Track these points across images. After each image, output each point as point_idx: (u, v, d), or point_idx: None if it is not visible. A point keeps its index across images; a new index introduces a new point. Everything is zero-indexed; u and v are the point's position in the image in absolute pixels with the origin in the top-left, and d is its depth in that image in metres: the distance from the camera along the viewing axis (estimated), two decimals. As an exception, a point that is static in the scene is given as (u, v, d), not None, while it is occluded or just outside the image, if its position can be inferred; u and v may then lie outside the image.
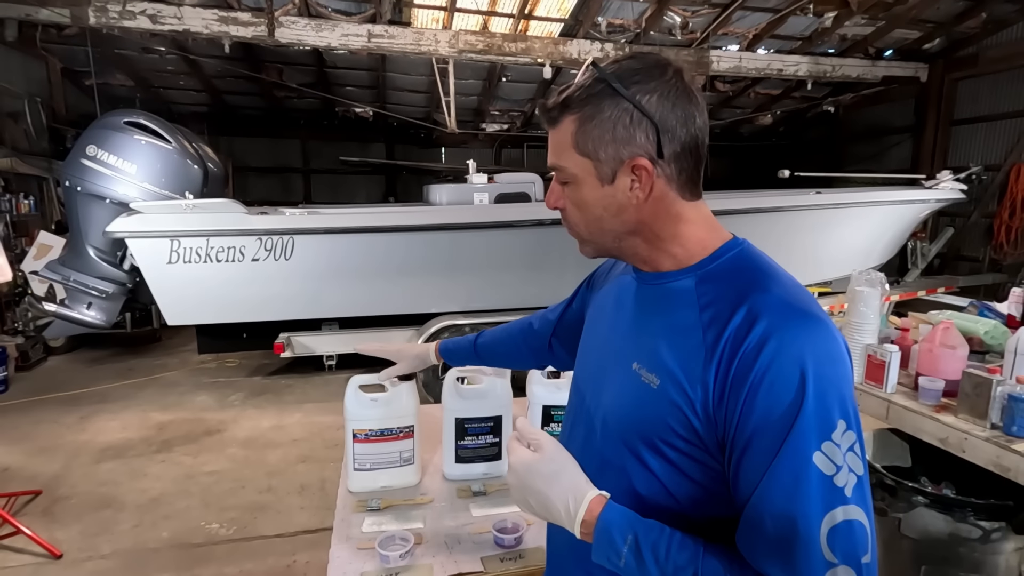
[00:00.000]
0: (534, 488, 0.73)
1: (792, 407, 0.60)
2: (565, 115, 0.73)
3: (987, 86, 7.08)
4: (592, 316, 0.95)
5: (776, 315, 0.64)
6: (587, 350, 0.91)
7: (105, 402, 4.50)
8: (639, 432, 0.72)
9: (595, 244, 0.80)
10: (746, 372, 0.62)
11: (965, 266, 7.39)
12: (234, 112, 9.04)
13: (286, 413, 4.28)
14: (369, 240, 4.06)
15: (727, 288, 0.69)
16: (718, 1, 5.99)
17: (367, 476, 1.43)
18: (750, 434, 0.62)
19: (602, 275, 1.01)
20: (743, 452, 0.62)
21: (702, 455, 0.67)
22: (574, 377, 0.93)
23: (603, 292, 0.94)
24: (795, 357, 0.61)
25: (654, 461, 0.71)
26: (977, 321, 2.22)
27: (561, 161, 0.75)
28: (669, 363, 0.69)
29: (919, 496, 1.75)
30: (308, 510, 2.97)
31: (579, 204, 0.76)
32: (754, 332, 0.63)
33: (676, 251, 0.75)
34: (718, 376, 0.64)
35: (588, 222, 0.77)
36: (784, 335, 0.62)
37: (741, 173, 10.62)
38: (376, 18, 5.77)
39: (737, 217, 4.80)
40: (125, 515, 2.93)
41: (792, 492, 0.59)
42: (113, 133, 3.87)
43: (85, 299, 4.08)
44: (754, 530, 0.62)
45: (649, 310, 0.78)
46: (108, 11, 5.19)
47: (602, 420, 0.79)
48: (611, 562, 0.68)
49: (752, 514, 0.62)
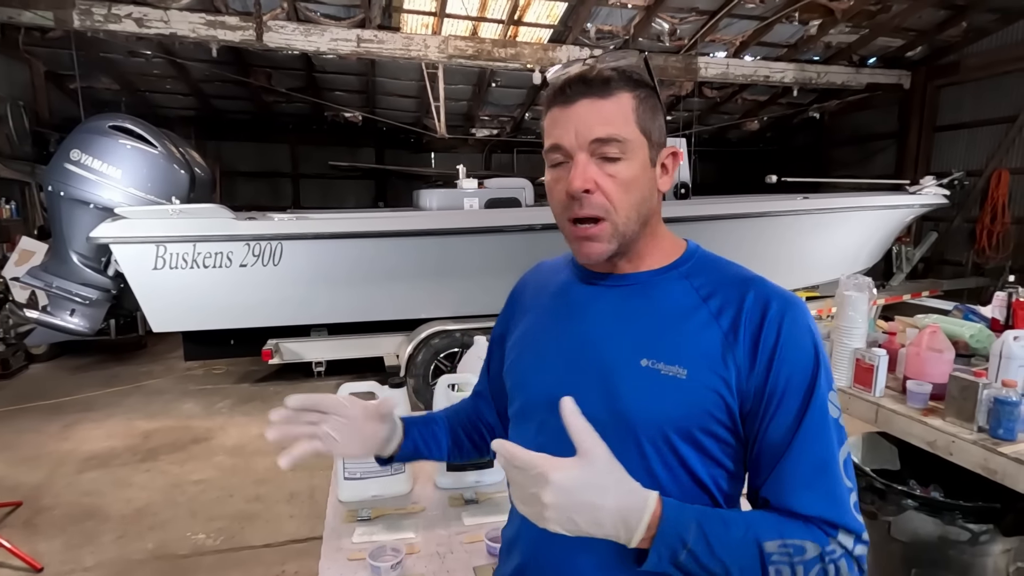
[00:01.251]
0: (586, 504, 0.62)
1: (811, 368, 0.71)
2: (623, 89, 0.73)
3: (968, 93, 7.22)
4: (533, 332, 0.87)
5: (780, 297, 0.74)
6: (542, 364, 0.82)
7: (89, 410, 4.42)
8: (674, 425, 0.72)
9: (623, 233, 0.74)
10: (771, 344, 0.71)
11: (949, 270, 7.51)
12: (222, 116, 8.97)
13: (274, 420, 4.22)
14: (358, 245, 4.04)
15: (720, 280, 0.76)
16: (705, 8, 6.06)
17: (357, 485, 1.42)
18: (780, 395, 0.70)
19: (518, 304, 0.94)
20: (774, 413, 0.70)
21: (729, 436, 0.73)
22: (529, 396, 0.83)
23: (537, 308, 0.88)
24: (805, 328, 0.72)
25: (688, 451, 0.72)
26: (962, 325, 2.25)
27: (623, 132, 0.72)
28: (692, 352, 0.72)
29: (908, 499, 1.76)
30: (297, 519, 2.93)
31: (628, 183, 0.73)
32: (770, 311, 0.72)
33: (664, 247, 0.80)
34: (745, 352, 0.71)
35: (632, 204, 0.74)
36: (794, 312, 0.73)
37: (729, 178, 10.72)
38: (365, 23, 5.76)
39: (726, 222, 4.84)
40: (109, 526, 2.88)
41: (820, 436, 0.70)
42: (98, 137, 3.82)
43: (68, 306, 4.01)
44: (793, 475, 0.69)
45: (640, 308, 0.77)
46: (93, 14, 5.14)
47: (618, 423, 0.73)
48: (672, 559, 0.64)
49: (789, 462, 0.69)
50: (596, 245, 0.75)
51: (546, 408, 0.77)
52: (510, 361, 0.89)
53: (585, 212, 0.73)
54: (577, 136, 0.72)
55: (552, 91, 0.75)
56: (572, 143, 0.72)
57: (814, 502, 0.67)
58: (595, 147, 0.72)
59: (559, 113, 0.74)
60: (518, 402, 0.86)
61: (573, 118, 0.72)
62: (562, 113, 0.73)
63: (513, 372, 0.88)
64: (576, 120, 0.72)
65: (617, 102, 0.72)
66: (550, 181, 0.77)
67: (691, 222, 4.69)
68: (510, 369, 0.89)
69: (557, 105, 0.74)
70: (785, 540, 0.65)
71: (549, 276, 0.92)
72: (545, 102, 0.77)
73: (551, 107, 0.75)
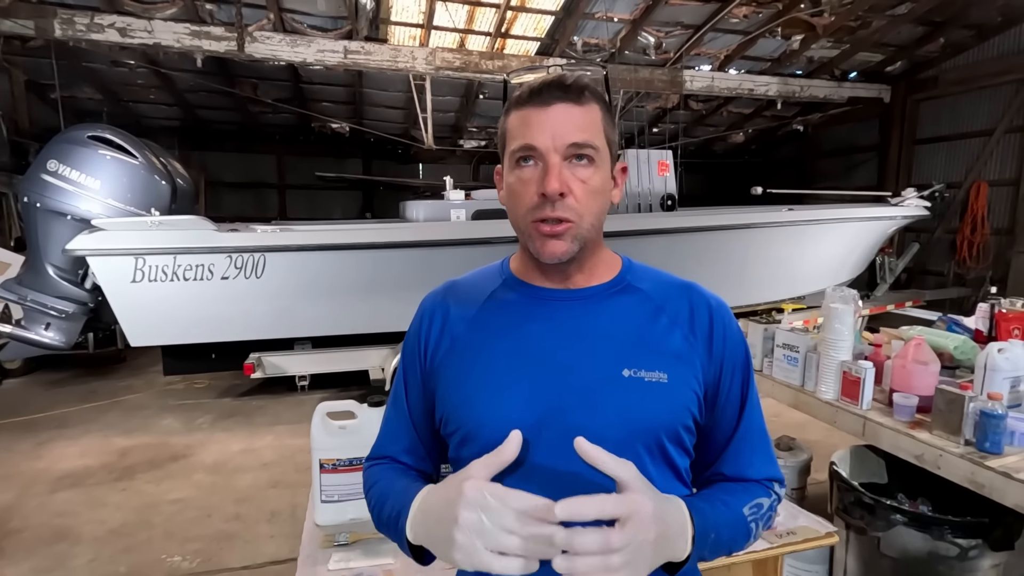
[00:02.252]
0: (649, 543, 0.60)
1: (745, 353, 0.84)
2: (593, 100, 0.75)
3: (947, 107, 7.37)
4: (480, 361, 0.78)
5: (713, 298, 0.84)
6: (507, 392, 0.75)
7: (64, 427, 4.29)
8: (665, 427, 0.75)
9: (586, 238, 0.75)
10: (720, 339, 0.80)
11: (931, 280, 7.62)
12: (207, 126, 8.89)
13: (257, 436, 4.13)
14: (343, 257, 3.99)
15: (664, 287, 0.83)
16: (690, 23, 6.14)
17: (335, 508, 1.36)
18: (726, 382, 0.80)
19: (439, 335, 0.82)
20: (725, 396, 0.81)
21: (695, 427, 0.79)
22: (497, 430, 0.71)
23: (473, 333, 0.80)
24: (736, 322, 0.85)
25: (673, 448, 0.76)
26: (947, 336, 2.26)
27: (596, 140, 0.74)
28: (666, 356, 0.76)
29: (898, 515, 1.74)
30: (278, 539, 2.84)
31: (595, 190, 0.75)
32: (713, 311, 0.81)
33: (607, 259, 0.83)
34: (704, 348, 0.79)
35: (595, 211, 0.76)
36: (726, 309, 0.84)
37: (715, 190, 10.83)
38: (353, 34, 5.75)
39: (713, 233, 4.86)
40: (81, 549, 2.77)
41: (756, 409, 0.84)
42: (76, 148, 3.75)
43: (43, 319, 3.91)
44: (746, 444, 0.82)
45: (606, 320, 0.78)
46: (75, 24, 5.08)
47: (614, 437, 0.70)
48: (699, 554, 0.70)
49: (742, 435, 0.82)
50: (561, 243, 0.74)
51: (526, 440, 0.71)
52: (452, 397, 0.79)
53: (557, 214, 0.72)
54: (554, 139, 0.72)
55: (526, 92, 0.75)
56: (548, 145, 0.72)
57: (762, 467, 0.83)
58: (570, 151, 0.72)
59: (533, 114, 0.73)
60: (478, 442, 0.74)
61: (549, 121, 0.72)
62: (537, 114, 0.73)
63: (464, 408, 0.77)
64: (553, 123, 0.72)
65: (590, 111, 0.74)
66: (515, 181, 0.75)
67: (678, 233, 4.71)
68: (459, 406, 0.78)
69: (531, 106, 0.73)
70: (750, 503, 0.78)
71: (476, 296, 0.83)
72: (514, 102, 0.76)
73: (523, 107, 0.74)
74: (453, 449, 0.80)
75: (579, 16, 5.82)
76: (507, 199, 0.78)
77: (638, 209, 5.43)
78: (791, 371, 2.21)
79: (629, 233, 4.53)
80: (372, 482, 0.84)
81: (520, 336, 0.78)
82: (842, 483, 1.94)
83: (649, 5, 5.78)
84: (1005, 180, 6.73)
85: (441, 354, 0.81)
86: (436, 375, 0.81)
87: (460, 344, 0.80)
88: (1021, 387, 1.79)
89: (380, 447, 0.89)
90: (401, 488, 0.76)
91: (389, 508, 0.76)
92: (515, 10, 5.77)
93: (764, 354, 2.35)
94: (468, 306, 0.82)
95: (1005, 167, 6.75)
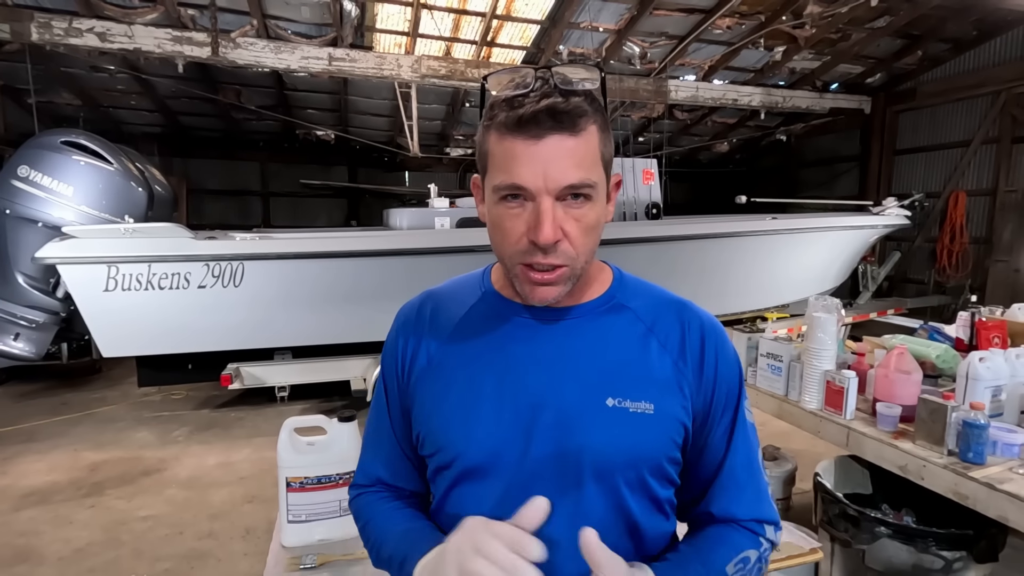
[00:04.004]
0: None
1: (738, 379, 0.77)
2: (591, 121, 0.66)
3: (925, 118, 7.51)
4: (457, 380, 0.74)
5: (708, 319, 0.78)
6: (483, 416, 0.72)
7: (32, 441, 4.14)
8: (648, 462, 0.71)
9: (578, 276, 0.69)
10: (712, 365, 0.74)
11: (912, 288, 7.71)
12: (190, 133, 8.76)
13: (234, 449, 4.02)
14: (323, 266, 3.92)
15: (655, 305, 0.77)
16: (675, 33, 6.19)
17: (302, 529, 1.30)
18: (717, 411, 0.75)
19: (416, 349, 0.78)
20: (713, 426, 0.75)
21: (681, 457, 0.75)
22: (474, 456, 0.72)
23: (452, 350, 0.76)
24: (731, 346, 0.78)
25: (655, 483, 0.72)
26: (928, 345, 2.26)
27: (592, 176, 0.65)
28: (654, 384, 0.71)
29: (882, 527, 1.72)
30: (252, 556, 2.75)
31: (592, 226, 0.67)
32: (706, 335, 0.75)
33: (597, 274, 0.78)
34: (694, 375, 0.74)
35: (591, 247, 0.69)
36: (721, 332, 0.78)
37: (700, 199, 10.91)
38: (338, 42, 5.71)
39: (697, 242, 4.87)
40: (44, 570, 2.65)
41: (747, 442, 0.77)
42: (48, 153, 3.65)
43: (12, 329, 3.79)
44: (729, 483, 0.76)
45: (592, 343, 0.72)
46: (52, 28, 4.97)
47: (590, 470, 0.69)
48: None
49: (727, 471, 0.75)
50: (552, 290, 0.68)
51: (498, 467, 0.70)
52: (430, 421, 0.75)
53: (550, 260, 0.66)
54: (547, 180, 0.63)
55: (513, 118, 0.64)
56: (539, 187, 0.64)
57: (749, 505, 0.76)
58: (565, 192, 0.65)
59: (522, 148, 0.64)
60: (456, 467, 0.73)
61: (541, 158, 0.63)
62: (527, 149, 0.63)
63: (440, 431, 0.74)
64: (545, 161, 0.63)
65: (586, 139, 0.65)
66: (499, 216, 0.67)
67: (662, 242, 4.71)
68: (435, 431, 0.74)
69: (520, 137, 0.64)
70: (735, 559, 0.72)
71: (454, 311, 0.78)
72: (498, 124, 0.66)
73: (509, 135, 0.65)
74: (431, 471, 0.77)
75: (564, 26, 5.84)
76: (491, 230, 0.70)
77: (623, 218, 5.43)
78: (775, 380, 2.19)
79: (614, 241, 4.53)
80: (367, 518, 0.80)
81: (500, 358, 0.73)
82: (826, 495, 1.92)
83: (634, 15, 5.82)
84: (982, 190, 6.86)
85: (417, 372, 0.77)
86: (413, 394, 0.77)
87: (436, 363, 0.76)
88: (1002, 396, 1.79)
89: (366, 468, 0.84)
90: (401, 532, 0.74)
91: (390, 551, 0.73)
92: (501, 19, 5.78)
93: (748, 363, 2.33)
94: (445, 322, 0.78)
95: (982, 177, 6.88)
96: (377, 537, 0.77)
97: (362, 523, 0.81)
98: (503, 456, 0.70)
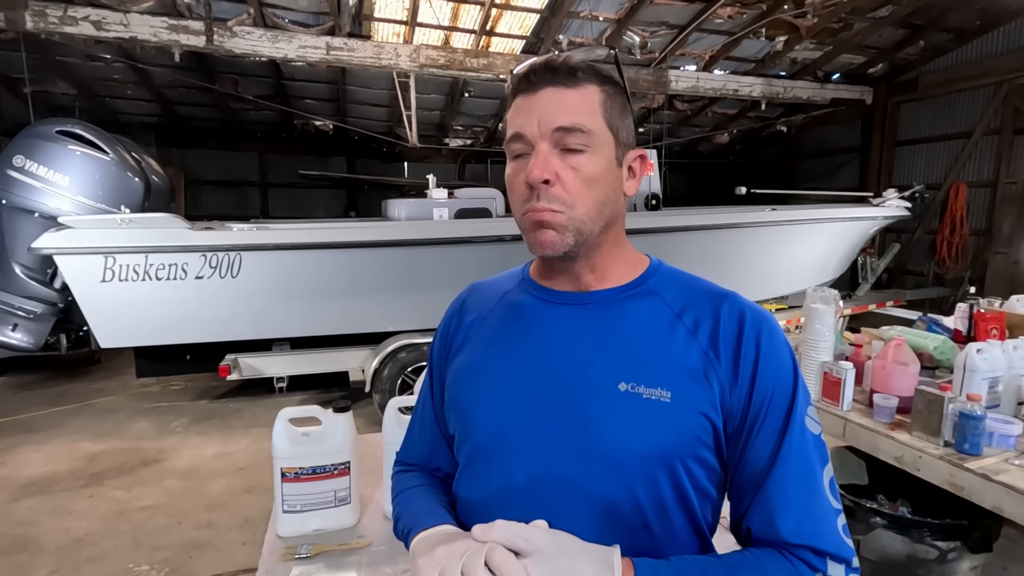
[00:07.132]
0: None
1: (791, 383, 0.68)
2: (591, 81, 0.69)
3: (927, 109, 7.46)
4: (480, 361, 0.76)
5: (754, 310, 0.71)
6: (495, 396, 0.73)
7: (31, 432, 4.16)
8: (662, 455, 0.65)
9: (581, 232, 0.68)
10: (752, 359, 0.67)
11: (911, 280, 7.70)
12: (187, 123, 8.70)
13: (232, 439, 4.03)
14: (321, 256, 3.91)
15: (690, 293, 0.73)
16: (675, 23, 6.13)
17: (297, 519, 1.30)
18: (761, 414, 0.66)
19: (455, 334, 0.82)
20: (757, 432, 0.66)
21: (715, 461, 0.68)
22: (483, 436, 0.73)
23: (482, 334, 0.79)
24: (783, 342, 0.70)
25: (677, 484, 0.66)
26: (926, 336, 2.25)
27: (588, 123, 0.67)
28: (674, 371, 0.67)
29: (877, 517, 1.72)
30: (250, 546, 2.76)
31: (590, 178, 0.68)
32: (747, 325, 0.68)
33: (628, 260, 0.75)
34: (727, 368, 0.67)
35: (592, 202, 0.68)
36: (770, 325, 0.70)
37: (700, 190, 10.88)
38: (335, 31, 5.66)
39: (697, 233, 4.85)
40: (43, 559, 2.66)
41: (802, 456, 0.66)
42: (43, 143, 3.62)
43: (10, 320, 3.78)
44: (776, 499, 0.64)
45: (612, 327, 0.71)
46: (47, 16, 4.92)
47: (597, 458, 0.66)
48: None
49: (772, 485, 0.65)
50: (550, 233, 0.68)
51: (506, 448, 0.70)
52: (452, 398, 0.78)
53: (542, 204, 0.67)
54: (540, 125, 0.67)
55: (516, 79, 0.71)
56: (534, 132, 0.67)
57: (800, 528, 0.63)
58: (558, 137, 0.67)
59: (522, 101, 0.69)
60: (468, 444, 0.75)
61: (536, 106, 0.68)
62: (525, 101, 0.69)
63: (458, 409, 0.76)
64: (539, 108, 0.67)
65: (584, 93, 0.68)
66: (510, 174, 0.71)
67: (662, 233, 4.69)
68: (454, 406, 0.77)
69: (521, 93, 0.69)
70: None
71: (491, 297, 0.82)
72: (509, 93, 0.73)
73: (515, 96, 0.71)
74: (455, 450, 0.80)
75: (564, 15, 5.78)
76: (507, 193, 0.74)
77: (623, 209, 5.40)
78: (772, 372, 2.18)
79: (613, 233, 4.50)
80: (397, 491, 0.85)
81: (523, 339, 0.74)
82: (822, 485, 1.92)
83: (634, 4, 5.76)
84: (983, 182, 6.83)
85: (453, 351, 0.81)
86: (447, 371, 0.81)
87: (469, 343, 0.80)
88: (999, 388, 1.78)
89: (407, 449, 0.90)
90: (416, 508, 0.77)
91: (404, 523, 0.76)
92: (500, 8, 5.72)
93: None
94: (482, 306, 0.82)
95: (983, 169, 6.85)
96: (399, 511, 0.80)
97: (394, 496, 0.85)
98: (511, 436, 0.70)
